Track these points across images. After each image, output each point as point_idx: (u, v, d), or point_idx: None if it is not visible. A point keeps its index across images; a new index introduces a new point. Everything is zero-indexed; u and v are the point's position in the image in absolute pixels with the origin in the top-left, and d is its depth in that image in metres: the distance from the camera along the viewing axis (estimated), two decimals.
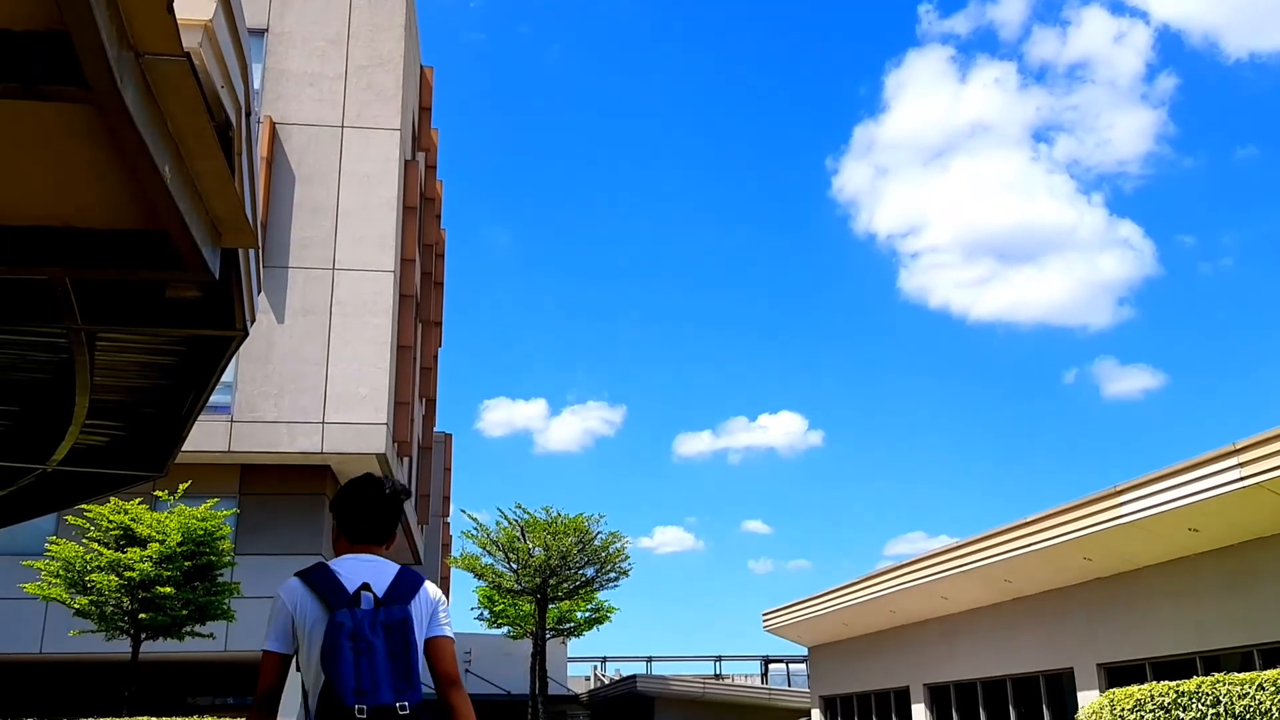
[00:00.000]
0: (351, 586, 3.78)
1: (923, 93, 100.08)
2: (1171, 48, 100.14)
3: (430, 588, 3.98)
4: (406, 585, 3.89)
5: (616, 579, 29.52)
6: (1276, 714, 11.37)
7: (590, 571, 29.00)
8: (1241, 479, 14.90)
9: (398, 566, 3.98)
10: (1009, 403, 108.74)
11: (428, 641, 3.90)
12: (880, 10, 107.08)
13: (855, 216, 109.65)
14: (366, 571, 3.86)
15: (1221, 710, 12.22)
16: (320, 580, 3.82)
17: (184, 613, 16.51)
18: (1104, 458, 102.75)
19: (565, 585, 28.55)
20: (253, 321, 6.77)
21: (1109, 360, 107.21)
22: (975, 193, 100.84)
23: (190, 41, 4.06)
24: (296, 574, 3.93)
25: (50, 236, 5.16)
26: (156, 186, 4.20)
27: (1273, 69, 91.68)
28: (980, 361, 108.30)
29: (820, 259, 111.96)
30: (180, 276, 5.38)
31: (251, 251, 6.21)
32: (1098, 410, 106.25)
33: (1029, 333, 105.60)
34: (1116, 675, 19.34)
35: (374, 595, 3.78)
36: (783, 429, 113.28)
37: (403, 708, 3.60)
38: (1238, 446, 14.93)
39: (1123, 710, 13.89)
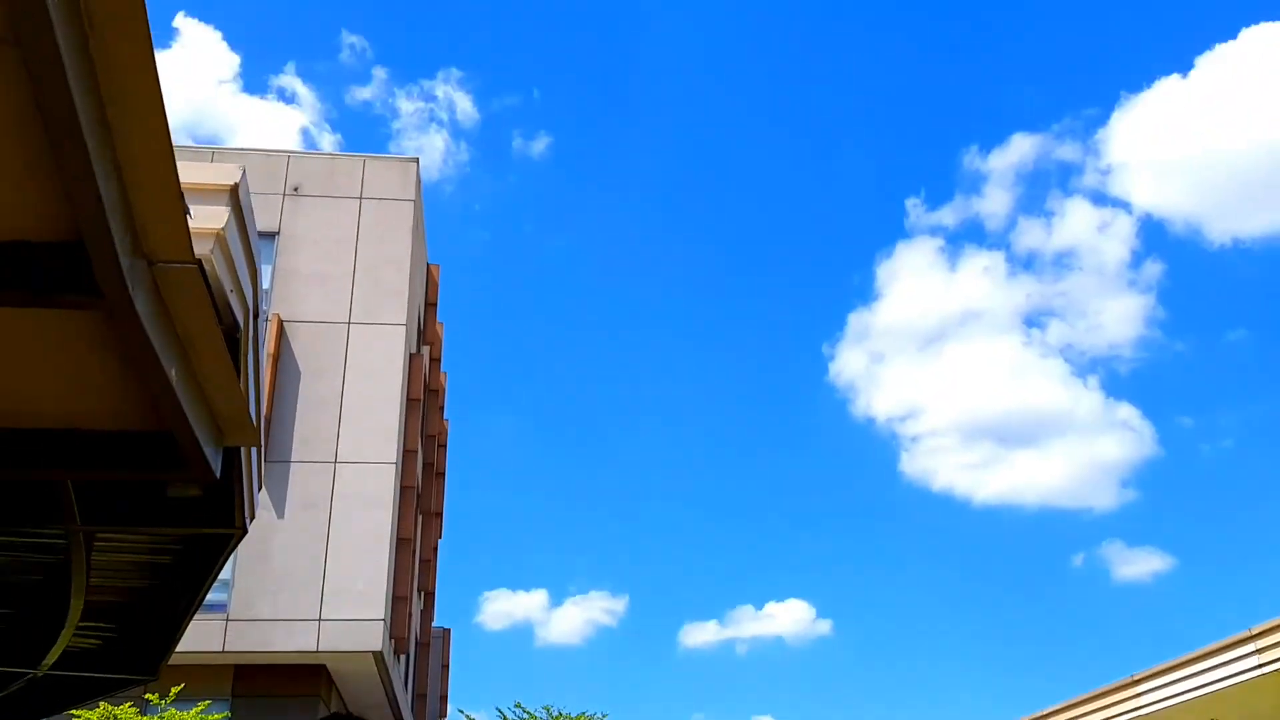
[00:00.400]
0: None
1: (914, 281, 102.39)
2: (1155, 235, 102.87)
3: None
4: None
5: None
6: None
7: None
8: (1260, 665, 14.50)
9: None
10: (1019, 587, 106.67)
11: None
12: (869, 203, 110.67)
13: (854, 400, 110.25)
14: None
15: None
16: None
17: None
18: (1118, 642, 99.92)
19: None
20: (252, 519, 6.75)
21: (1116, 543, 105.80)
22: (971, 377, 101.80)
23: (202, 249, 4.22)
24: None
25: (54, 439, 5.21)
26: (162, 389, 4.28)
27: (1256, 254, 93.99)
28: (987, 545, 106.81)
29: (821, 443, 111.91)
30: (181, 475, 5.41)
31: (255, 452, 6.26)
32: (1109, 594, 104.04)
33: (1034, 516, 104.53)
34: None
35: None
36: (790, 617, 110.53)
37: None
38: (1253, 633, 14.60)
39: None
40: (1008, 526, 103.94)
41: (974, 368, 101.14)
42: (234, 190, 4.71)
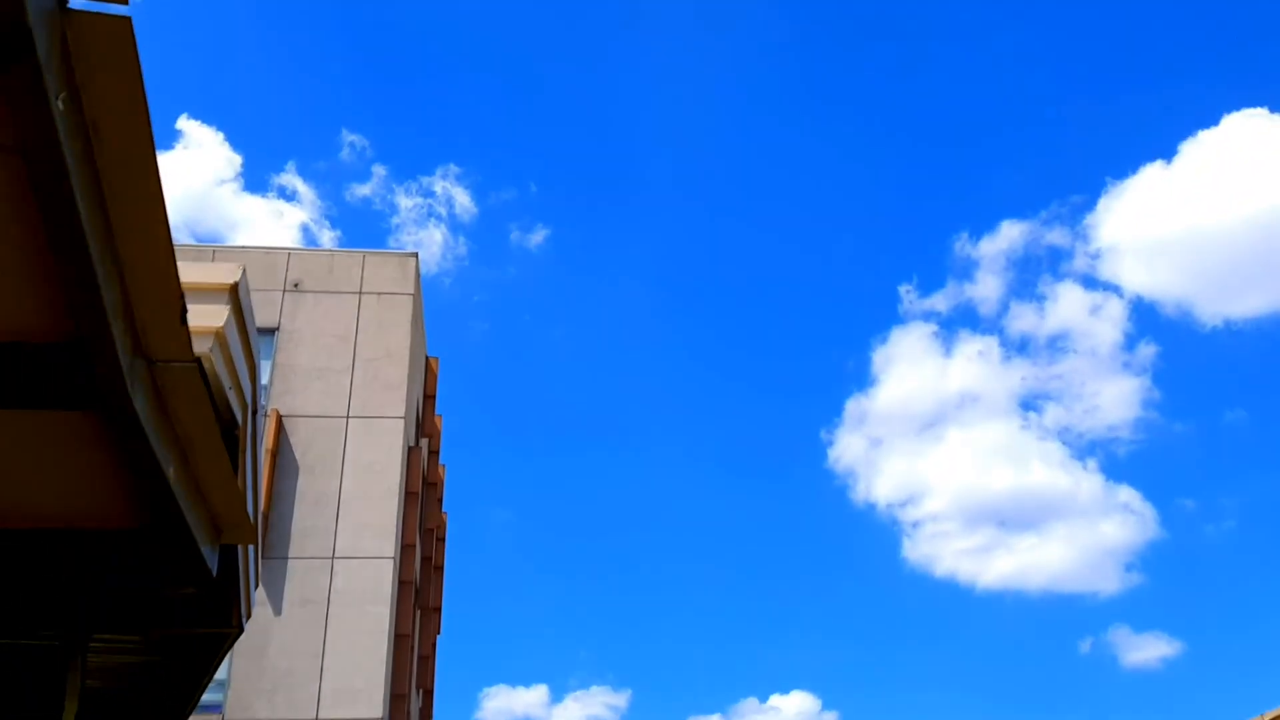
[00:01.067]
0: None
1: (909, 366, 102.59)
2: (1147, 318, 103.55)
3: None
4: None
5: None
6: None
7: None
8: None
9: None
10: (1026, 673, 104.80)
11: None
12: (862, 290, 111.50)
13: (853, 486, 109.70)
14: None
15: None
16: None
17: None
18: None
19: None
20: (249, 618, 6.68)
21: (1123, 628, 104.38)
22: (970, 461, 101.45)
23: (201, 347, 4.25)
24: None
25: (53, 539, 5.18)
26: (159, 488, 4.27)
27: (1248, 335, 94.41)
28: (992, 631, 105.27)
29: (822, 530, 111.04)
30: (178, 575, 5.37)
31: (252, 550, 6.22)
32: (1119, 680, 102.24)
33: (1038, 601, 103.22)
34: None
35: None
36: (795, 709, 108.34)
37: None
38: (1265, 718, 14.34)
39: None
40: (1012, 612, 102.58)
41: (973, 452, 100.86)
42: (234, 289, 4.76)
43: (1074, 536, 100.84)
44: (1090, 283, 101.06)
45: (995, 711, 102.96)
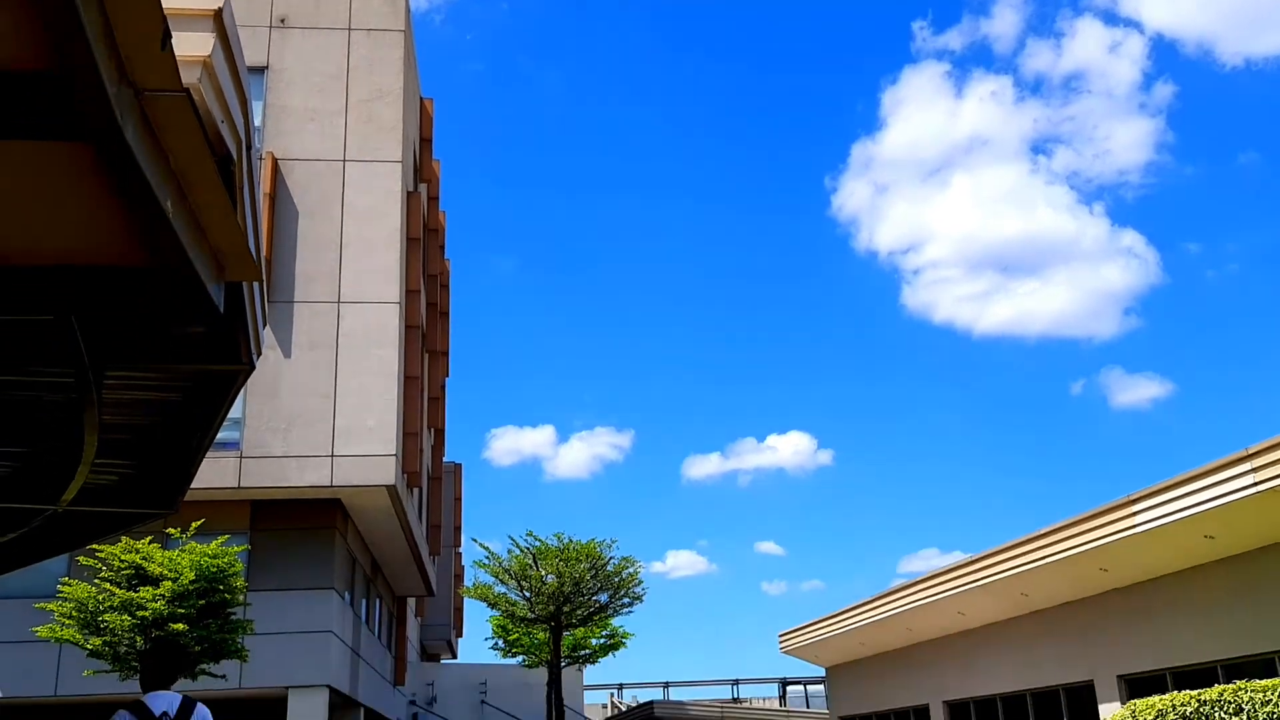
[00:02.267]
0: (158, 712, 7.03)
1: (919, 109, 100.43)
2: (1166, 56, 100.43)
3: (201, 707, 7.35)
4: (188, 707, 7.25)
5: (630, 604, 29.40)
6: None
7: (604, 598, 28.88)
8: (1255, 484, 14.82)
9: (180, 696, 7.33)
10: (1018, 416, 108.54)
11: None
12: (874, 28, 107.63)
13: (856, 234, 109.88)
14: (164, 702, 7.16)
15: (1245, 717, 12.10)
16: (140, 710, 7.04)
17: (197, 649, 16.44)
18: (1115, 468, 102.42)
19: (579, 612, 28.42)
20: (259, 355, 6.77)
21: (1116, 370, 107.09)
22: (975, 207, 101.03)
23: (189, 77, 4.09)
24: (122, 708, 7.12)
25: (54, 276, 5.17)
26: (159, 222, 4.21)
27: (1269, 75, 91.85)
28: (987, 376, 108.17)
29: (823, 278, 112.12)
30: (185, 312, 5.39)
31: (256, 285, 6.22)
32: (1107, 421, 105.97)
33: (1035, 345, 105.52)
34: (1138, 686, 19.18)
35: (170, 715, 7.07)
36: (792, 449, 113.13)
37: None
38: (1250, 451, 14.86)
39: None
40: (1008, 356, 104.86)
41: (979, 196, 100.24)
42: (218, 15, 4.53)
43: (1075, 281, 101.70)
44: (1110, 19, 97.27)
45: (987, 450, 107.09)
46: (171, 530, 17.94)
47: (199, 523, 17.96)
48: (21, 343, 6.13)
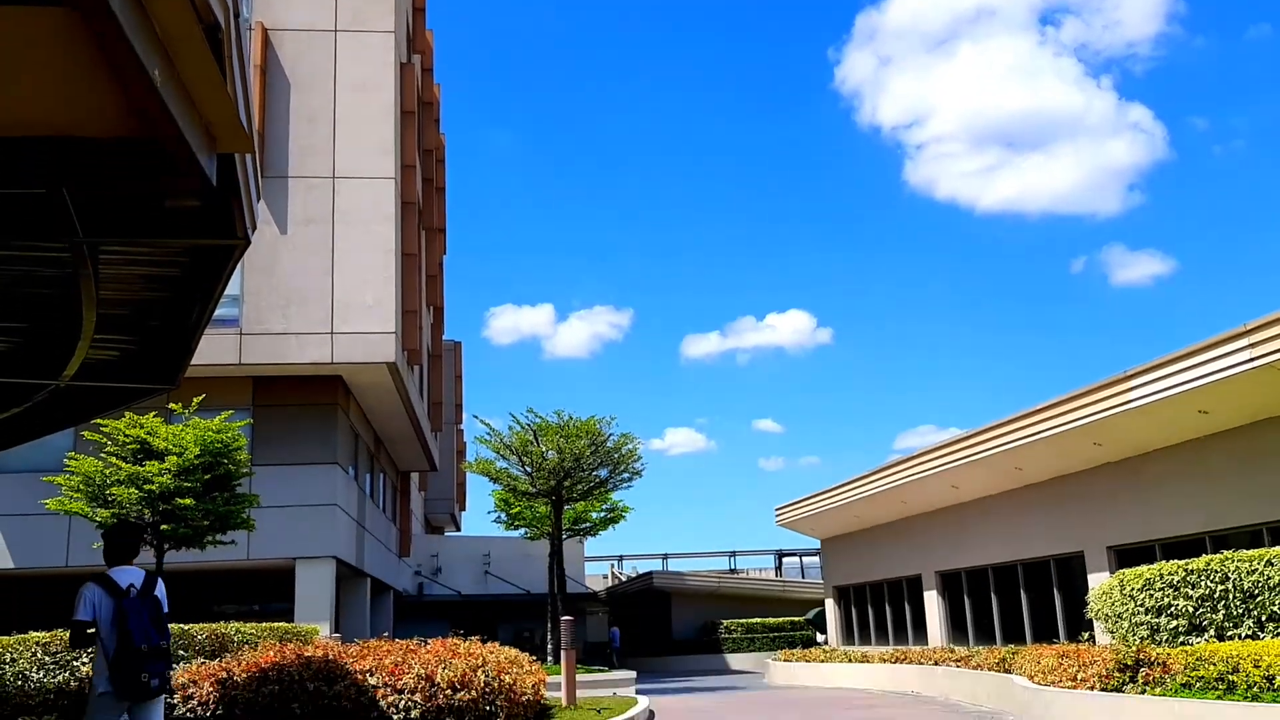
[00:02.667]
0: (124, 585, 7.38)
1: None
2: None
3: (160, 583, 7.66)
4: (151, 581, 7.58)
5: (630, 480, 29.80)
6: None
7: (604, 473, 29.25)
8: (1252, 359, 14.88)
9: (144, 571, 7.62)
10: (1018, 294, 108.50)
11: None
12: None
13: (859, 109, 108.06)
14: (129, 576, 7.50)
15: (1230, 586, 12.39)
16: (107, 583, 7.37)
17: (205, 523, 16.74)
18: (1114, 346, 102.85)
19: (579, 487, 28.84)
20: (253, 229, 6.71)
21: (1118, 247, 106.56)
22: (981, 80, 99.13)
23: None
24: (91, 580, 7.39)
25: (44, 148, 5.08)
26: (147, 91, 4.12)
27: None
28: (988, 253, 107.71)
29: (825, 154, 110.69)
30: (177, 185, 5.32)
31: (249, 158, 6.13)
32: (1107, 298, 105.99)
33: (1037, 222, 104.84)
34: (1126, 557, 19.61)
35: (136, 588, 7.43)
36: (791, 327, 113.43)
37: (165, 644, 7.31)
38: (1249, 327, 14.87)
39: (1132, 589, 14.11)
40: (1010, 233, 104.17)
41: (985, 69, 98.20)
42: None
43: (1080, 157, 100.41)
44: None
45: (985, 330, 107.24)
46: (174, 406, 18.08)
47: (201, 398, 18.09)
48: (15, 217, 6.06)
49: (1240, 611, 12.28)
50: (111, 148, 5.07)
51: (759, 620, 43.87)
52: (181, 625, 15.45)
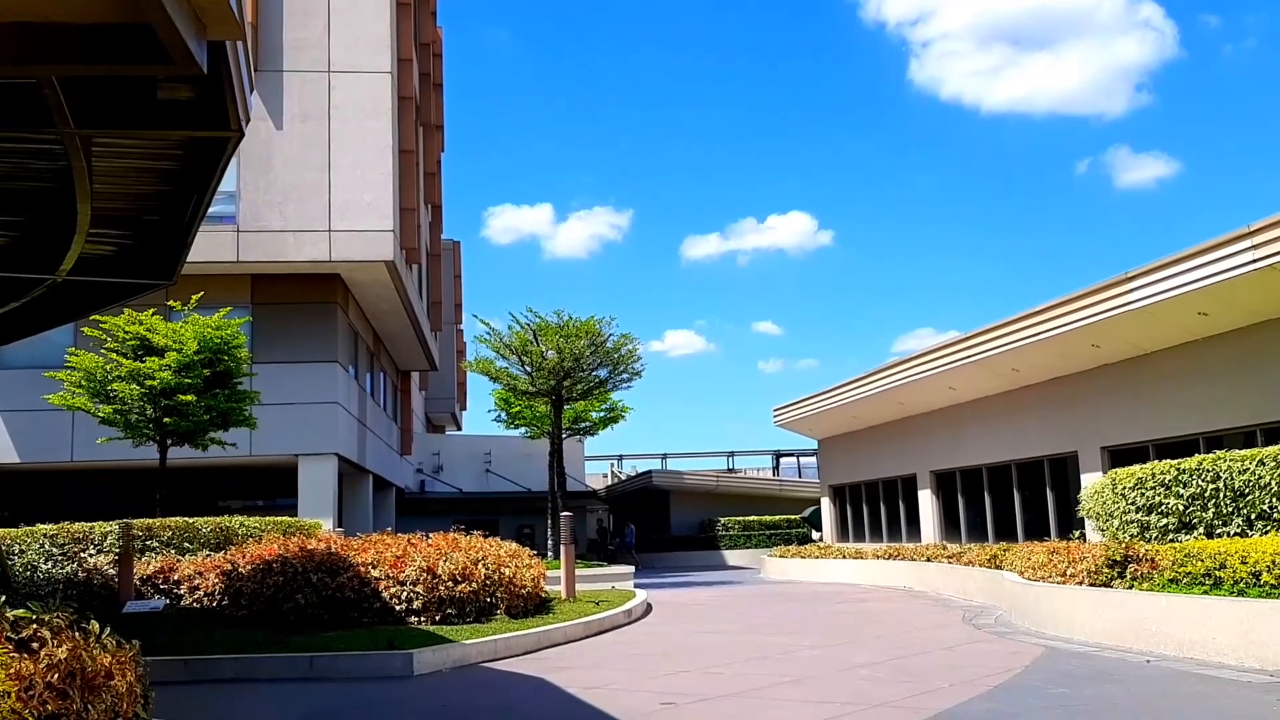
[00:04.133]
0: None
1: None
2: None
3: None
4: None
5: (629, 380, 29.91)
6: (1275, 487, 11.66)
7: (603, 373, 29.35)
8: (1255, 261, 14.82)
9: None
10: (1020, 195, 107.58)
11: None
12: None
13: (864, 4, 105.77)
14: None
15: (1221, 485, 12.53)
16: None
17: (206, 419, 16.88)
18: (1115, 249, 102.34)
19: (579, 387, 28.98)
20: (247, 121, 6.62)
21: (1123, 149, 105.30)
22: None
23: None
24: None
25: (32, 33, 4.98)
26: None
27: None
28: (992, 154, 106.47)
29: (829, 51, 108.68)
30: (168, 70, 5.23)
31: (240, 46, 6.02)
32: (1111, 200, 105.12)
33: (1042, 123, 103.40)
34: (1120, 457, 19.80)
35: None
36: (791, 229, 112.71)
37: None
38: (1253, 228, 14.78)
39: (1124, 488, 14.28)
40: (1015, 134, 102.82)
41: None
42: None
43: (1088, 56, 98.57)
44: None
45: (986, 232, 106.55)
46: (173, 303, 18.08)
47: (199, 295, 18.08)
48: (5, 107, 5.97)
49: (1230, 510, 12.45)
50: (100, 34, 4.97)
51: (756, 518, 44.53)
52: (187, 519, 15.70)
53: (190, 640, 11.11)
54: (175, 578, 13.64)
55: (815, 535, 42.26)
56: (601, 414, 37.66)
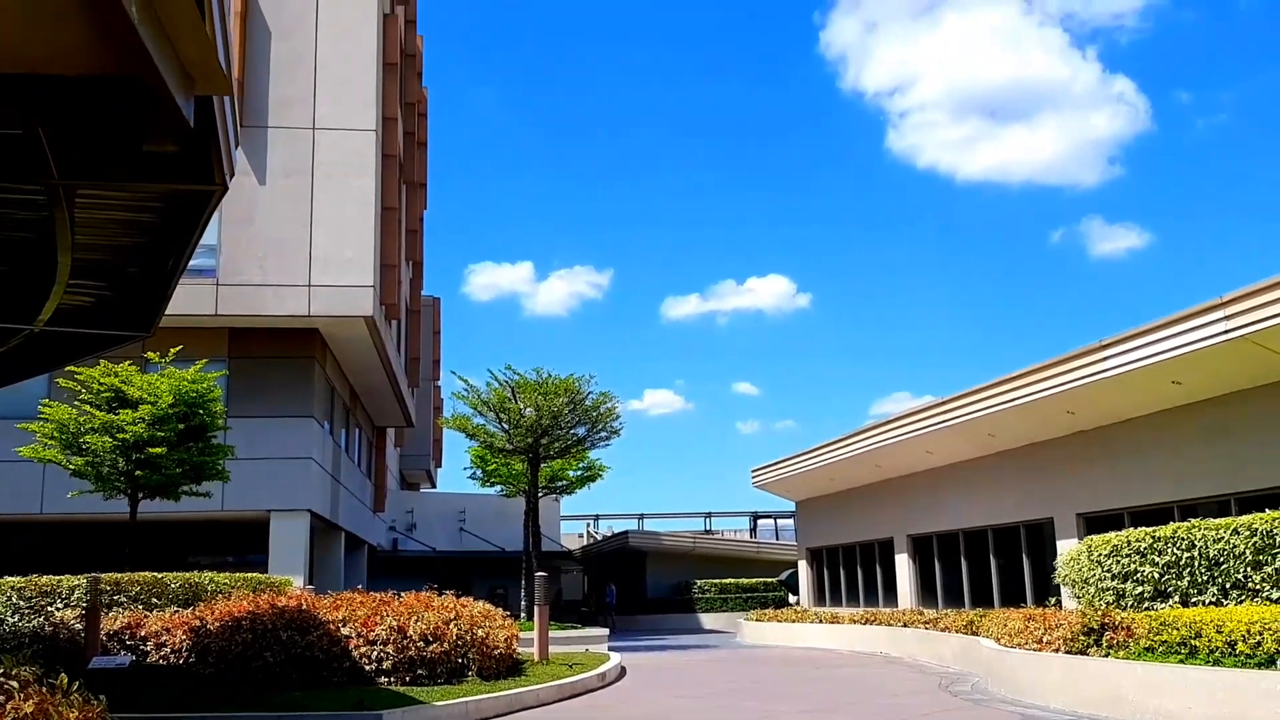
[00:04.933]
0: None
1: None
2: None
3: None
4: None
5: (608, 438, 29.84)
6: (1249, 556, 11.69)
7: (581, 431, 29.28)
8: (1227, 331, 15.00)
9: None
10: (996, 264, 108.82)
11: None
12: None
13: (843, 74, 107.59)
14: None
15: (1196, 554, 12.57)
16: None
17: (178, 472, 16.71)
18: (1090, 317, 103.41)
19: (557, 445, 28.88)
20: (231, 175, 6.65)
21: (1096, 220, 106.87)
22: (966, 48, 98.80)
23: None
24: None
25: (19, 85, 5.00)
26: (123, 26, 4.06)
27: None
28: (968, 222, 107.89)
29: (809, 118, 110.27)
30: (154, 127, 5.26)
31: (228, 102, 6.07)
32: (1084, 270, 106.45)
33: (1017, 192, 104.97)
34: (1095, 524, 19.83)
35: None
36: (771, 291, 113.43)
37: None
38: (1225, 299, 14.98)
39: (1100, 555, 14.29)
40: (990, 203, 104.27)
41: (970, 37, 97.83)
42: None
43: (1062, 128, 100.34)
44: None
45: (963, 299, 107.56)
46: (150, 355, 17.98)
47: (177, 348, 17.99)
48: None
49: (1205, 578, 12.47)
50: (87, 86, 5.00)
51: (733, 580, 44.22)
52: (156, 574, 15.47)
53: (156, 698, 10.89)
54: (142, 634, 13.40)
55: (792, 599, 41.98)
56: (579, 472, 37.44)
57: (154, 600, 14.98)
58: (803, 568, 35.39)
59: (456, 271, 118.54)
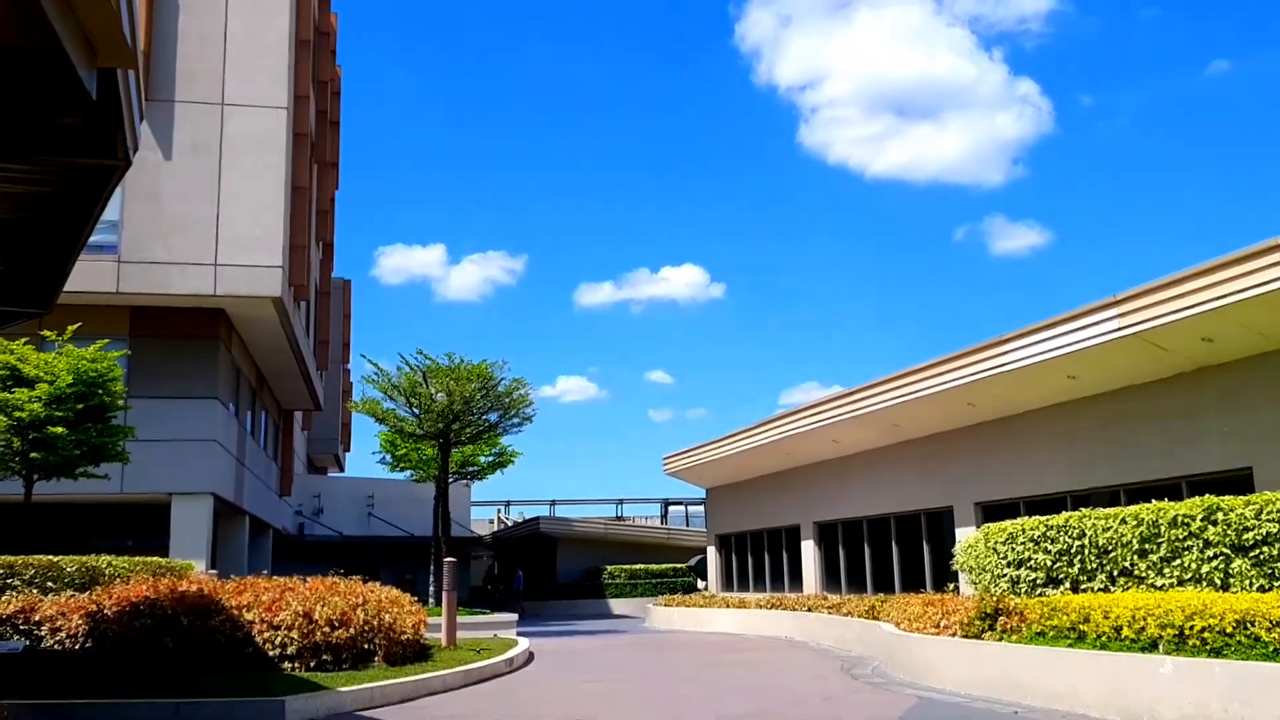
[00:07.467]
0: None
1: None
2: None
3: None
4: None
5: (520, 425, 29.79)
6: (1136, 544, 12.16)
7: (494, 417, 29.19)
8: (1120, 329, 15.56)
9: None
10: (902, 258, 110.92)
11: None
12: None
13: (756, 68, 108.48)
14: None
15: (1087, 542, 13.03)
16: None
17: (76, 453, 16.25)
18: (991, 313, 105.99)
19: (468, 430, 28.73)
20: (135, 150, 6.52)
21: (999, 218, 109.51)
22: (877, 45, 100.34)
23: None
24: None
25: None
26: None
27: None
28: (876, 218, 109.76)
29: (723, 110, 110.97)
30: (56, 99, 5.14)
31: (132, 75, 5.94)
32: (986, 266, 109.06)
33: (923, 190, 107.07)
34: (993, 512, 20.42)
35: None
36: (685, 281, 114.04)
37: None
38: (1118, 298, 15.53)
39: (996, 543, 14.72)
40: (898, 199, 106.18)
41: (881, 35, 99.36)
42: None
43: (968, 128, 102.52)
44: None
45: (870, 292, 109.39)
46: (47, 333, 17.44)
47: (76, 326, 17.48)
48: None
49: (1094, 566, 12.94)
50: None
51: (643, 566, 44.48)
52: (51, 557, 15.05)
53: (52, 684, 10.63)
54: (37, 618, 13.04)
55: (701, 584, 42.39)
56: (490, 458, 37.32)
57: (49, 584, 14.58)
58: (711, 554, 35.78)
59: (367, 253, 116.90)
